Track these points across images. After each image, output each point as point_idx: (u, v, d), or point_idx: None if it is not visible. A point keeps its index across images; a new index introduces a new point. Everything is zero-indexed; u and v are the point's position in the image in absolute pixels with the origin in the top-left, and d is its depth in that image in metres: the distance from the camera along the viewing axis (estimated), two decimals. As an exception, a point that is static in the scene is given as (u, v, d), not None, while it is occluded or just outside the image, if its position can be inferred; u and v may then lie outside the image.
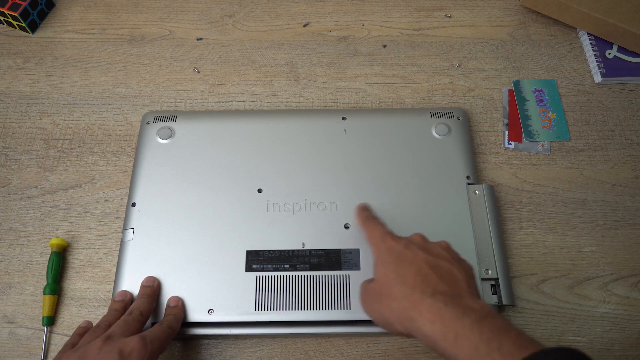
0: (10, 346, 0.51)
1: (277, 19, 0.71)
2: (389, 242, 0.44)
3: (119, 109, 0.64)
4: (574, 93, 0.65)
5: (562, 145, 0.61)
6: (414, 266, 0.41)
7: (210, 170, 0.56)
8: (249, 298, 0.50)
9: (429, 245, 0.44)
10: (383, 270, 0.43)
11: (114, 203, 0.58)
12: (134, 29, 0.70)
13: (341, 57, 0.68)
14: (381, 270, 0.43)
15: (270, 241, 0.52)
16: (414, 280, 0.40)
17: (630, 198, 0.58)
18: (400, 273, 0.41)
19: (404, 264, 0.42)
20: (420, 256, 0.42)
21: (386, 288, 0.42)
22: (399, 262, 0.42)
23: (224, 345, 0.51)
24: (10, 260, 0.55)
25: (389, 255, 0.43)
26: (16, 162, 0.61)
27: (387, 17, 0.71)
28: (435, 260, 0.42)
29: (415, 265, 0.41)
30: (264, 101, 0.65)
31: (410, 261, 0.42)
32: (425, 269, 0.41)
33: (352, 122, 0.59)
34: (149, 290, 0.49)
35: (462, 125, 0.59)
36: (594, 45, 0.67)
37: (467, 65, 0.67)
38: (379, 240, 0.45)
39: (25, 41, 0.69)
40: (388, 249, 0.44)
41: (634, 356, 0.51)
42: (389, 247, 0.44)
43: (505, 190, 0.59)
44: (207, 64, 0.68)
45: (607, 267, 0.55)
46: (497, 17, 0.71)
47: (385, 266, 0.43)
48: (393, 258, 0.43)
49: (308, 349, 0.51)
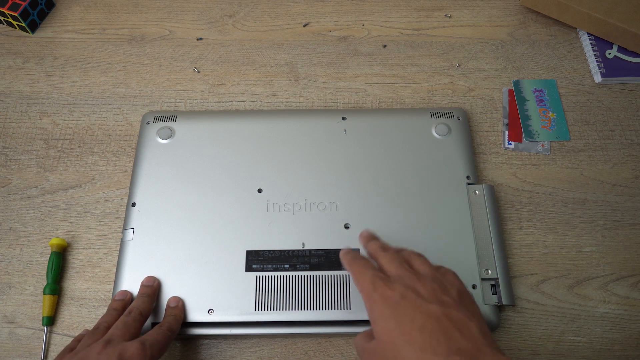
0: (10, 346, 0.51)
1: (277, 19, 0.71)
2: (381, 291, 0.38)
3: (119, 109, 0.64)
4: (574, 93, 0.65)
5: (562, 145, 0.61)
6: (417, 321, 0.36)
7: (210, 170, 0.56)
8: (249, 298, 0.50)
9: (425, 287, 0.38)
10: (384, 327, 0.37)
11: (114, 203, 0.58)
12: (134, 29, 0.70)
13: (341, 57, 0.68)
14: (381, 326, 0.37)
15: (270, 241, 0.52)
16: (422, 339, 0.35)
17: (630, 198, 0.58)
18: (404, 331, 0.36)
19: (404, 320, 0.36)
20: (421, 307, 0.37)
21: (391, 350, 0.36)
22: (399, 317, 0.37)
23: (224, 345, 0.51)
24: (10, 260, 0.55)
25: (386, 308, 0.37)
26: (16, 162, 0.61)
27: (387, 17, 0.71)
28: (441, 310, 0.36)
29: (419, 319, 0.36)
30: (264, 101, 0.65)
31: (411, 316, 0.36)
32: (431, 323, 0.35)
33: (352, 122, 0.59)
34: (148, 290, 0.49)
35: (462, 125, 0.59)
36: (594, 45, 0.67)
37: (467, 65, 0.67)
38: (370, 288, 0.39)
39: (25, 41, 0.69)
40: (382, 299, 0.38)
41: (634, 356, 0.51)
42: (384, 298, 0.38)
43: (505, 190, 0.59)
44: (207, 64, 0.68)
45: (607, 267, 0.54)
46: (497, 17, 0.71)
47: (385, 321, 0.37)
48: (391, 311, 0.37)
49: (308, 349, 0.51)
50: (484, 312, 0.49)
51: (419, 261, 0.42)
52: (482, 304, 0.49)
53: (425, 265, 0.41)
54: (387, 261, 0.42)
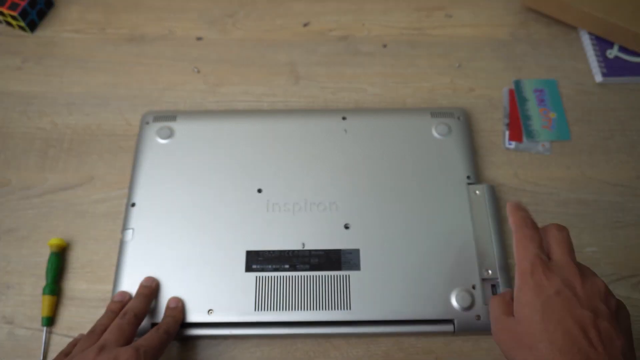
0: (9, 347, 0.51)
1: (277, 18, 0.71)
2: (538, 278, 0.38)
3: (119, 108, 0.64)
4: (574, 93, 0.65)
5: (562, 145, 0.61)
6: (564, 323, 0.35)
7: (210, 170, 0.56)
8: (248, 298, 0.50)
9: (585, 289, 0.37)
10: (528, 313, 0.37)
11: (114, 203, 0.58)
12: (134, 28, 0.70)
13: (341, 57, 0.68)
14: (526, 311, 0.37)
15: (270, 241, 0.52)
16: (563, 342, 0.35)
17: (631, 198, 0.58)
18: (548, 328, 0.35)
19: (552, 318, 0.36)
20: (573, 310, 0.36)
21: (528, 338, 0.36)
22: (547, 313, 0.36)
23: (223, 345, 0.51)
24: (9, 260, 0.55)
25: (536, 298, 0.37)
26: (15, 162, 0.60)
27: (388, 16, 0.71)
28: (592, 318, 0.35)
29: (567, 322, 0.35)
30: (264, 101, 0.65)
31: (560, 316, 0.36)
32: (577, 331, 0.35)
33: (353, 122, 0.59)
34: (146, 290, 0.49)
35: (462, 125, 0.59)
36: (594, 44, 0.67)
37: (468, 65, 0.67)
38: (528, 269, 0.38)
39: (24, 41, 0.69)
40: (536, 287, 0.37)
41: (635, 357, 0.51)
42: (538, 286, 0.37)
43: (505, 190, 0.58)
44: (207, 63, 0.67)
45: (608, 267, 0.54)
46: (497, 16, 0.71)
47: (531, 310, 0.37)
48: (540, 304, 0.37)
49: (308, 350, 0.51)
50: (484, 312, 0.49)
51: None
52: (482, 305, 0.49)
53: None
54: (557, 242, 0.40)
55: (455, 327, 0.49)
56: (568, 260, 0.39)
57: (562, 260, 0.39)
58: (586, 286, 0.37)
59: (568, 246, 0.40)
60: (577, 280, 0.37)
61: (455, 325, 0.49)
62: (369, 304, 0.49)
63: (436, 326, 0.49)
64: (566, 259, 0.39)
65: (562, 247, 0.40)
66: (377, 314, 0.49)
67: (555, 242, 0.40)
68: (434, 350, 0.51)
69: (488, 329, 0.49)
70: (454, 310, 0.49)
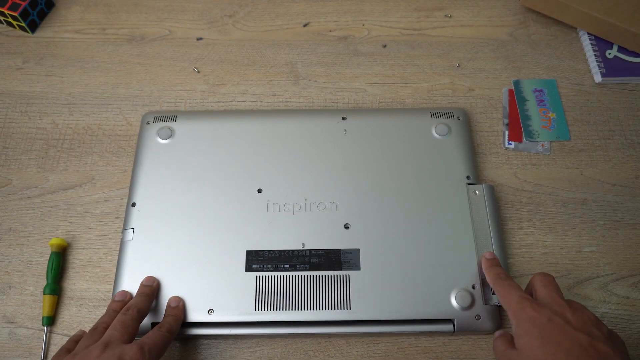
0: (10, 346, 0.51)
1: (277, 19, 0.71)
2: (529, 312, 0.40)
3: (119, 109, 0.64)
4: (574, 93, 0.65)
5: (562, 145, 0.61)
6: (563, 345, 0.38)
7: (210, 170, 0.56)
8: (248, 298, 0.50)
9: (576, 317, 0.40)
10: (528, 342, 0.39)
11: (114, 203, 0.58)
12: (134, 29, 0.70)
13: (341, 57, 0.68)
14: (526, 341, 0.39)
15: (270, 241, 0.52)
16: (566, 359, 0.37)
17: (630, 198, 0.58)
18: (549, 351, 0.38)
19: (551, 342, 0.38)
20: (569, 334, 0.38)
21: None
22: (546, 337, 0.38)
23: (224, 345, 0.51)
24: (10, 260, 0.55)
25: (533, 327, 0.39)
26: (16, 162, 0.60)
27: (387, 17, 0.71)
28: (588, 341, 0.37)
29: (565, 345, 0.38)
30: (264, 101, 0.65)
31: (558, 340, 0.38)
32: (577, 351, 0.37)
33: (352, 122, 0.59)
34: (147, 290, 0.49)
35: (462, 125, 0.59)
36: (594, 45, 0.67)
37: (467, 65, 0.67)
38: (517, 308, 0.41)
39: (25, 41, 0.69)
40: (530, 320, 0.40)
41: (634, 356, 0.51)
42: (531, 318, 0.40)
43: (505, 190, 0.59)
44: (207, 64, 0.67)
45: (607, 267, 0.54)
46: (497, 17, 0.71)
47: (530, 339, 0.39)
48: (538, 331, 0.39)
49: (308, 349, 0.51)
50: (484, 312, 0.49)
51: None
52: (482, 304, 0.49)
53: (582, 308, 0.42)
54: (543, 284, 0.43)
55: (455, 326, 0.49)
56: (555, 297, 0.42)
57: (548, 297, 0.42)
58: (577, 315, 0.40)
59: (555, 287, 0.43)
60: (567, 311, 0.40)
61: (455, 325, 0.49)
62: (369, 304, 0.49)
63: (436, 326, 0.50)
64: (552, 296, 0.42)
65: (548, 288, 0.43)
66: (377, 314, 0.49)
67: (541, 285, 0.43)
68: (433, 350, 0.51)
69: (488, 329, 0.49)
70: (453, 310, 0.49)
